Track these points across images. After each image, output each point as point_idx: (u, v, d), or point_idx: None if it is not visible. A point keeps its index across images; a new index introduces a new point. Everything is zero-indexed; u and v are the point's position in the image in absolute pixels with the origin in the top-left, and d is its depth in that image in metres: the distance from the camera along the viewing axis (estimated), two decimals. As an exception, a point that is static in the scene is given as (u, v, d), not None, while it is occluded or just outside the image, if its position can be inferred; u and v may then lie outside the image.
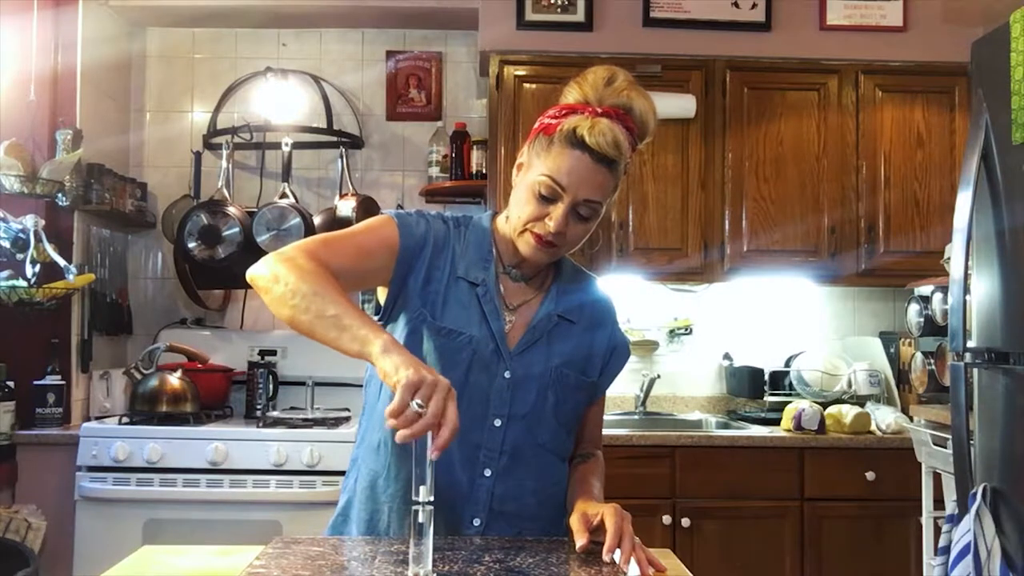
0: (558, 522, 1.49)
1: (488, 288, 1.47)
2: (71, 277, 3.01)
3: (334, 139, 3.68)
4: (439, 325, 1.43)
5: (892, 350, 3.48)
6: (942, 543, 2.22)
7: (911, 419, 3.02)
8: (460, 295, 1.46)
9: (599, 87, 1.42)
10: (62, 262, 2.99)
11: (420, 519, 1.14)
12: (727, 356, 3.71)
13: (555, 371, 1.48)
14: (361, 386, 1.57)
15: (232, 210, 3.43)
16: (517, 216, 1.44)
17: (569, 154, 1.38)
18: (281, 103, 3.65)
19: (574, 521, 1.36)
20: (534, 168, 1.42)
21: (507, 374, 1.45)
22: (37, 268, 2.95)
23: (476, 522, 1.43)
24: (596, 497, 1.46)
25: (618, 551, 1.27)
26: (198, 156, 3.63)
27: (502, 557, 1.28)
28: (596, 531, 1.33)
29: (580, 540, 1.32)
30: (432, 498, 1.14)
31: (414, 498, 1.14)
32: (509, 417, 1.44)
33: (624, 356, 1.61)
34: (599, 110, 1.40)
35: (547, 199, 1.40)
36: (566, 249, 1.47)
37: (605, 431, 3.13)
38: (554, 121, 1.41)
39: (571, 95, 1.44)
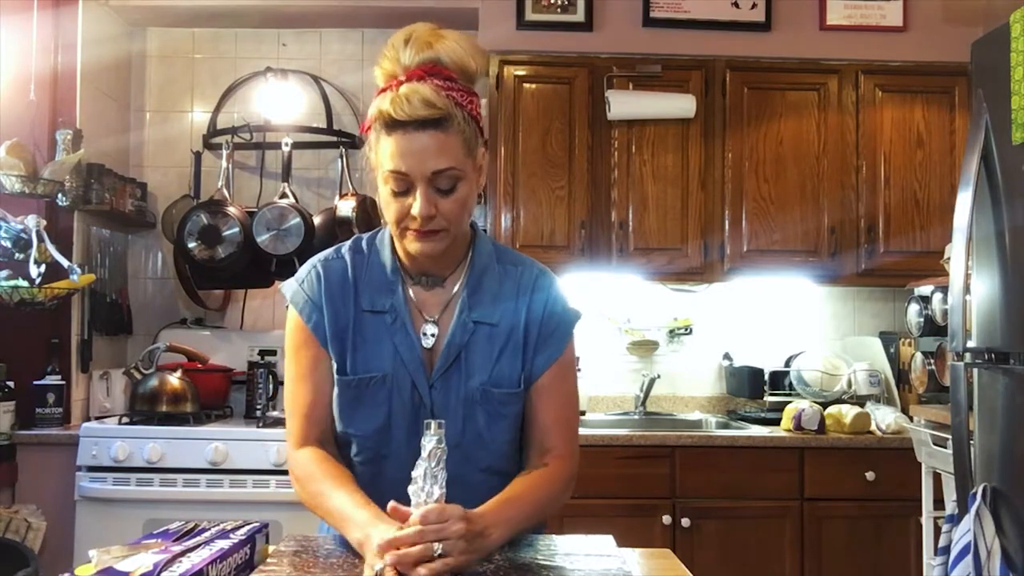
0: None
1: (397, 313, 1.39)
2: (75, 277, 3.01)
3: (334, 139, 3.68)
4: (346, 379, 1.39)
5: (892, 350, 3.47)
6: (942, 543, 2.22)
7: (911, 419, 3.02)
8: (370, 330, 1.39)
9: (399, 53, 1.31)
10: (66, 263, 3.00)
11: None
12: (727, 356, 3.71)
13: (478, 391, 1.38)
14: None
15: (232, 210, 3.43)
16: (389, 221, 1.35)
17: (392, 139, 1.28)
18: (281, 103, 3.65)
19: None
20: (378, 168, 1.33)
21: (429, 405, 1.38)
22: (43, 268, 2.95)
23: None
24: (497, 522, 1.23)
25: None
26: (198, 156, 3.63)
27: (512, 555, 1.29)
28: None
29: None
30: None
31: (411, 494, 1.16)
32: None
33: (559, 323, 1.44)
34: (402, 79, 1.29)
35: (402, 192, 1.30)
36: (455, 227, 1.34)
37: (605, 431, 3.19)
38: (369, 115, 1.33)
39: (379, 77, 1.34)
